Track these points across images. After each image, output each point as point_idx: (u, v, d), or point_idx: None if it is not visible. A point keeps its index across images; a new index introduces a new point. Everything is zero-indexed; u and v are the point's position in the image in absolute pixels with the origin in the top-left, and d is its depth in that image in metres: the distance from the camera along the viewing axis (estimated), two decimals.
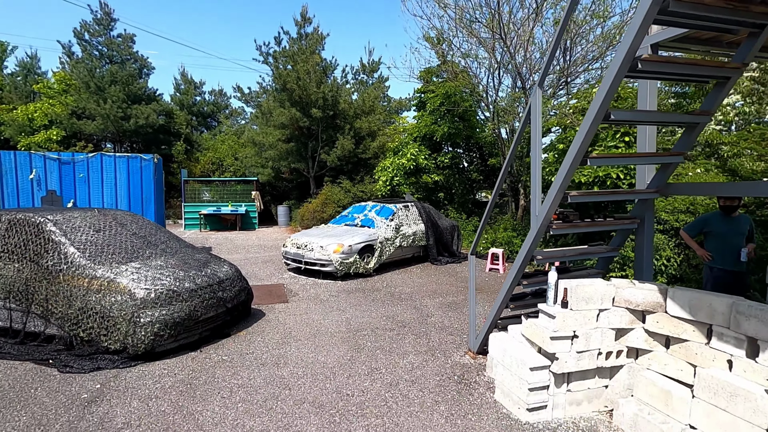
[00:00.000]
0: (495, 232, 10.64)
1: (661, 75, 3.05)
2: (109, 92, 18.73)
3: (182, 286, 4.34)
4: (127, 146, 21.25)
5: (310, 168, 16.94)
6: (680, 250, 6.43)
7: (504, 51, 10.77)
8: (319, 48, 16.88)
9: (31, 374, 3.73)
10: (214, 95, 26.46)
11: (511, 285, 3.75)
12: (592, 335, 3.18)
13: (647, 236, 3.83)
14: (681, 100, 10.30)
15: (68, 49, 20.22)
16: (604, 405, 3.36)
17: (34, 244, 4.36)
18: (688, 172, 7.75)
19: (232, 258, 9.65)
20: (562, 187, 3.10)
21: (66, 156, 9.50)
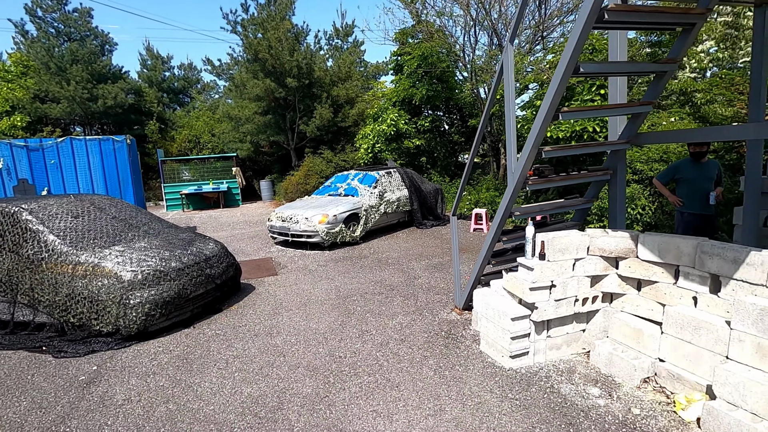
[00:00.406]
0: (478, 193, 10.78)
1: (630, 25, 3.06)
2: (71, 72, 17.84)
3: (169, 266, 4.36)
4: (98, 129, 20.50)
5: (290, 140, 16.66)
6: (654, 198, 6.65)
7: (479, 7, 10.54)
8: (289, 13, 16.22)
9: (26, 362, 3.78)
10: (183, 70, 25.42)
11: (492, 242, 3.87)
12: (568, 284, 3.34)
13: (620, 186, 3.96)
14: (656, 49, 10.31)
15: (21, 27, 19.01)
16: (582, 348, 3.57)
17: (12, 234, 4.29)
18: (662, 122, 7.89)
19: (217, 235, 9.62)
20: (536, 143, 3.16)
21: (33, 142, 9.16)
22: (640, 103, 3.37)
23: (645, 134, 3.74)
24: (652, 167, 6.74)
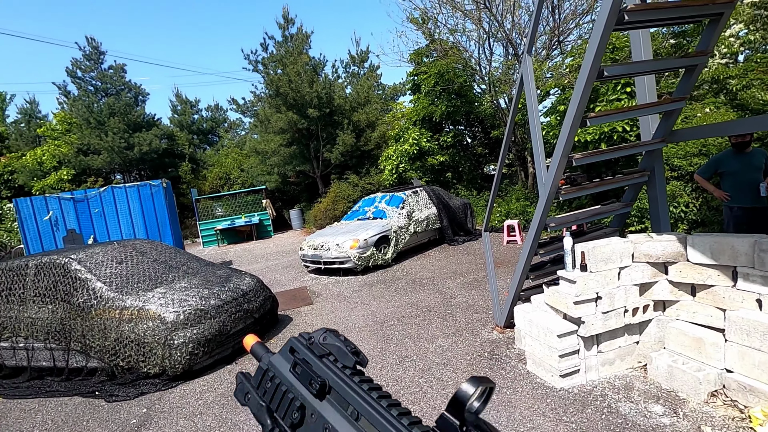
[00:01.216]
0: (508, 204, 10.57)
1: (652, 23, 2.97)
2: (109, 125, 19.02)
3: (208, 304, 4.45)
4: (135, 175, 21.63)
5: (316, 168, 16.99)
6: (698, 194, 6.30)
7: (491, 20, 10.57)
8: (306, 47, 16.79)
9: (80, 408, 3.90)
10: (210, 111, 26.63)
11: (528, 256, 3.75)
12: (615, 294, 3.17)
13: (659, 187, 3.77)
14: (681, 39, 9.97)
15: (64, 88, 20.55)
16: (637, 361, 3.35)
17: (63, 284, 4.52)
18: (696, 113, 7.54)
19: (252, 268, 9.82)
20: (566, 152, 3.07)
21: (79, 194, 9.75)
22: (672, 99, 3.23)
23: (680, 131, 3.57)
24: (691, 162, 6.41)
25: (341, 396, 0.43)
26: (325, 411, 0.44)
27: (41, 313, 4.53)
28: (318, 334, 0.51)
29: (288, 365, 0.51)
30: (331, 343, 0.49)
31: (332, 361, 0.48)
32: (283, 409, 0.47)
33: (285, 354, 0.53)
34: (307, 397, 0.46)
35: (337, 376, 0.45)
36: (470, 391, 0.35)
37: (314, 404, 0.45)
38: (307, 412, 0.45)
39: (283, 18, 16.97)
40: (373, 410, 0.40)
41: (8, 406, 4.11)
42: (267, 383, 0.51)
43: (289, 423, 0.46)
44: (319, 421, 0.43)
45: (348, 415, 0.42)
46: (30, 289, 4.64)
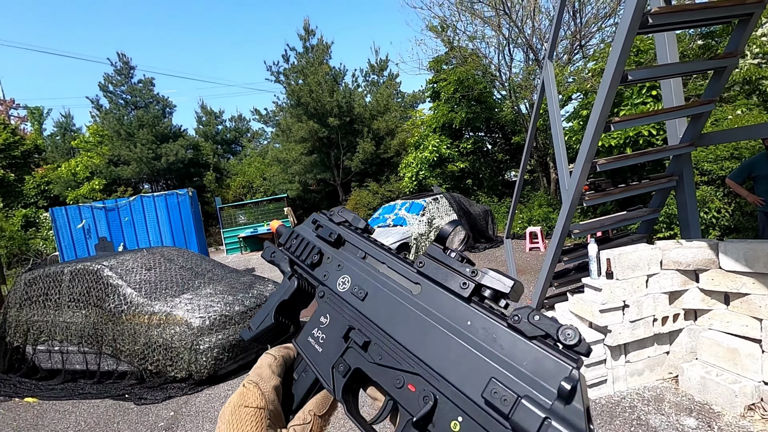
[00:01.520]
0: (530, 210, 10.42)
1: (677, 25, 2.91)
2: (138, 136, 19.74)
3: (233, 310, 4.54)
4: (162, 184, 22.32)
5: (336, 176, 17.18)
6: (730, 199, 6.08)
7: (511, 26, 10.53)
8: (326, 57, 17.09)
9: (111, 410, 4.03)
10: (234, 121, 27.31)
11: (552, 263, 3.69)
12: (643, 302, 3.09)
13: (688, 192, 3.66)
14: (709, 40, 9.69)
15: (96, 102, 21.47)
16: (668, 372, 3.24)
17: (96, 290, 4.70)
18: (727, 116, 7.30)
19: (275, 276, 9.94)
20: (589, 157, 3.02)
21: (110, 203, 10.13)
22: (701, 102, 3.15)
23: (711, 134, 3.47)
24: (722, 166, 6.20)
25: (351, 244, 0.55)
26: (339, 255, 0.55)
27: (75, 318, 4.71)
28: (336, 210, 0.62)
29: (310, 229, 0.61)
30: (346, 214, 0.60)
31: (347, 226, 0.58)
32: (306, 253, 0.58)
33: (308, 224, 0.63)
34: (325, 246, 0.57)
35: (349, 234, 0.56)
36: (448, 230, 0.46)
37: (330, 251, 0.56)
38: (325, 257, 0.56)
39: (304, 30, 17.33)
40: (375, 250, 0.52)
41: (44, 407, 4.28)
42: (293, 241, 0.61)
43: (309, 262, 0.56)
44: (334, 262, 0.54)
45: (356, 256, 0.53)
46: (65, 295, 4.84)
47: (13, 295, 5.17)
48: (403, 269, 0.47)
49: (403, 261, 0.48)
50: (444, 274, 0.43)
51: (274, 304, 0.56)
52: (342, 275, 0.52)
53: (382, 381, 0.44)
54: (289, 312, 0.58)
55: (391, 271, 0.48)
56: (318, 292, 0.54)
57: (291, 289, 0.56)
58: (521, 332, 0.36)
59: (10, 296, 5.19)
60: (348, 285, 0.51)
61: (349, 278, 0.51)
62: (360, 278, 0.50)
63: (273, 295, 0.58)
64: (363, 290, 0.49)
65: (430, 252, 0.45)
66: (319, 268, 0.56)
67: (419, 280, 0.45)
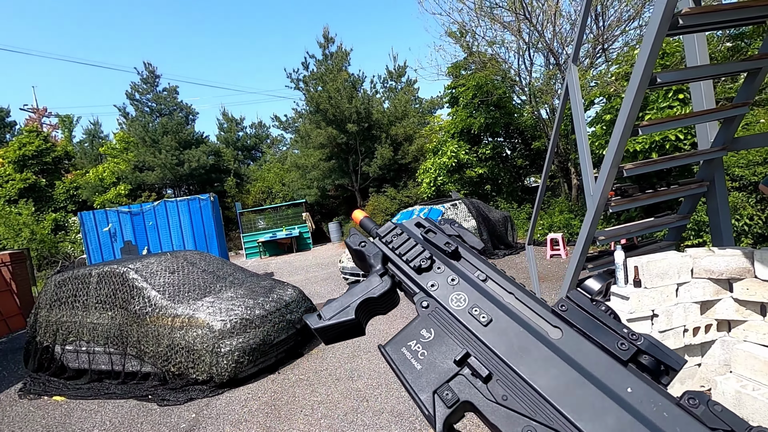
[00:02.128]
0: (551, 217, 10.24)
1: (708, 26, 2.83)
2: (162, 143, 20.29)
3: (253, 314, 4.59)
4: (185, 189, 22.83)
5: (354, 182, 17.26)
6: (763, 206, 5.85)
7: (531, 30, 10.44)
8: (345, 64, 17.25)
9: (135, 410, 4.11)
10: (254, 128, 27.79)
11: (576, 271, 3.61)
12: (673, 312, 2.98)
13: (720, 198, 3.54)
14: (738, 42, 9.40)
15: (123, 110, 22.17)
16: (699, 385, 3.12)
17: (122, 292, 4.82)
18: (759, 119, 7.05)
19: (293, 280, 10.03)
20: (615, 162, 2.95)
21: (135, 208, 10.42)
22: (733, 105, 3.04)
23: (744, 138, 3.35)
24: (755, 171, 5.97)
25: (470, 263, 0.50)
26: (455, 268, 0.50)
27: (102, 319, 4.83)
28: (446, 221, 0.58)
29: (418, 230, 0.56)
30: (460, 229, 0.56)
31: (461, 241, 0.54)
32: (414, 254, 0.52)
33: (412, 225, 0.58)
34: (438, 254, 0.52)
35: (467, 250, 0.52)
36: (595, 288, 0.42)
37: (444, 261, 0.51)
38: (435, 264, 0.51)
39: (324, 37, 17.56)
40: (502, 277, 0.47)
41: (71, 406, 4.39)
42: (396, 237, 0.56)
43: (416, 265, 0.51)
44: (446, 274, 0.49)
45: (475, 276, 0.48)
46: (92, 296, 4.97)
47: (43, 296, 5.35)
48: (536, 307, 0.42)
49: (536, 299, 0.43)
50: (593, 326, 0.38)
51: (357, 298, 0.51)
52: (456, 292, 0.47)
53: (502, 425, 0.37)
54: (368, 312, 0.53)
55: (521, 304, 0.43)
56: (419, 300, 0.48)
57: (383, 288, 0.52)
58: (700, 420, 0.31)
59: (41, 297, 5.37)
60: (465, 304, 0.45)
61: (466, 297, 0.46)
62: (481, 300, 0.45)
63: (354, 289, 0.53)
64: (486, 314, 0.43)
65: (573, 297, 0.40)
66: (426, 274, 0.50)
67: (559, 324, 0.40)
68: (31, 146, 19.61)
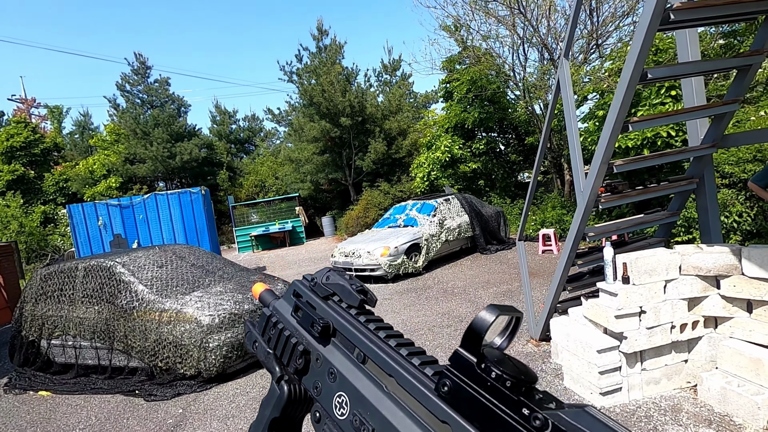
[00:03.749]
0: (543, 212, 10.27)
1: (700, 21, 2.81)
2: (153, 135, 20.05)
3: (242, 309, 4.55)
4: (177, 182, 22.61)
5: (348, 176, 17.19)
6: (752, 203, 5.89)
7: (525, 25, 10.40)
8: (339, 57, 17.11)
9: (122, 405, 4.06)
10: (247, 121, 27.55)
11: (566, 267, 3.61)
12: (661, 309, 2.99)
13: (709, 195, 3.54)
14: (731, 39, 9.42)
15: (114, 101, 21.87)
16: (686, 381, 3.14)
17: (108, 286, 4.75)
18: (750, 117, 7.08)
19: (285, 274, 9.99)
20: (605, 158, 2.94)
21: (125, 201, 10.28)
22: (724, 102, 3.04)
23: (734, 135, 3.35)
24: (744, 169, 6.01)
25: (346, 338, 0.41)
26: (330, 355, 0.41)
27: (88, 313, 4.77)
28: (321, 274, 0.48)
29: (290, 309, 0.48)
30: (335, 282, 0.46)
31: (337, 301, 0.45)
32: (287, 354, 0.45)
33: (288, 298, 0.49)
34: (311, 341, 0.43)
35: (342, 318, 0.42)
36: (487, 321, 0.29)
37: (319, 348, 0.42)
38: (312, 356, 0.43)
39: (318, 30, 17.39)
40: (380, 351, 0.37)
41: (57, 401, 4.34)
42: (271, 330, 0.48)
43: (293, 369, 0.44)
44: (325, 366, 0.41)
45: (354, 357, 0.39)
46: (79, 291, 4.90)
47: (29, 289, 5.26)
48: (421, 393, 0.32)
49: (419, 370, 0.34)
50: (485, 412, 0.28)
51: (264, 422, 0.45)
52: (337, 392, 0.39)
53: None
54: (286, 428, 0.46)
55: (403, 391, 0.34)
56: (313, 411, 0.41)
57: (281, 403, 0.44)
58: None
59: (26, 291, 5.29)
60: (347, 410, 0.37)
61: (347, 398, 0.38)
62: (361, 401, 0.36)
63: (262, 404, 0.46)
64: (367, 426, 0.35)
65: (455, 367, 0.30)
66: (307, 376, 0.43)
67: (447, 417, 0.30)
68: (20, 137, 19.29)
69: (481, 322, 0.30)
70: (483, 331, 0.29)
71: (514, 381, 0.28)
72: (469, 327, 0.30)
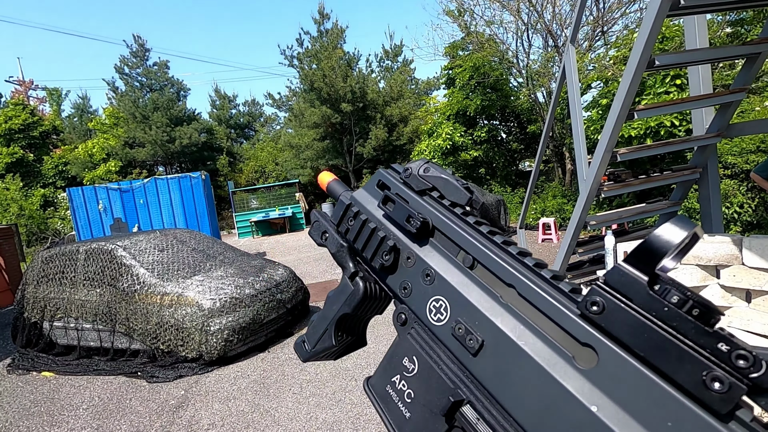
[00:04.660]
0: (544, 201, 10.26)
1: (709, 8, 2.76)
2: (153, 119, 19.90)
3: (243, 293, 4.57)
4: (176, 167, 22.54)
5: (348, 162, 17.13)
6: (754, 194, 5.89)
7: (530, 10, 10.24)
8: (341, 42, 16.89)
9: (124, 387, 4.12)
10: (247, 106, 27.33)
11: (566, 255, 3.61)
12: None
13: (712, 185, 3.53)
14: (738, 28, 9.30)
15: (112, 84, 21.65)
16: None
17: (110, 269, 4.77)
18: (755, 107, 7.04)
19: (285, 260, 10.03)
20: (609, 147, 2.92)
21: (125, 185, 10.26)
22: (731, 91, 3.01)
23: (739, 125, 3.33)
24: (747, 159, 5.99)
25: (450, 239, 0.35)
26: (428, 255, 0.36)
27: (90, 296, 4.79)
28: (417, 165, 0.41)
29: (376, 201, 0.42)
30: (435, 175, 0.40)
31: (437, 197, 0.39)
32: (371, 249, 0.39)
33: (372, 189, 0.44)
34: (402, 238, 0.38)
35: (445, 216, 0.36)
36: (677, 237, 0.22)
37: (412, 247, 0.37)
38: (402, 255, 0.37)
39: (319, 13, 17.12)
40: (496, 257, 0.31)
41: (60, 382, 4.39)
42: (350, 220, 0.43)
43: (378, 264, 0.38)
44: (419, 266, 0.36)
45: (458, 261, 0.34)
46: (80, 273, 4.92)
47: (30, 272, 5.28)
48: (553, 308, 0.26)
49: (549, 286, 0.28)
50: (656, 343, 0.22)
51: (333, 317, 0.42)
52: (434, 297, 0.34)
53: None
54: (353, 325, 0.43)
55: (530, 307, 0.28)
56: (395, 312, 0.37)
57: (354, 299, 0.41)
58: None
59: (28, 273, 5.30)
60: (446, 317, 0.32)
61: (446, 304, 0.32)
62: (467, 309, 0.31)
63: (330, 299, 0.42)
64: (474, 337, 0.29)
65: (612, 284, 0.24)
66: (394, 275, 0.38)
67: (591, 339, 0.24)
68: (18, 120, 19.14)
69: (668, 238, 0.22)
70: (668, 249, 0.22)
71: (704, 309, 0.21)
72: (646, 241, 0.23)
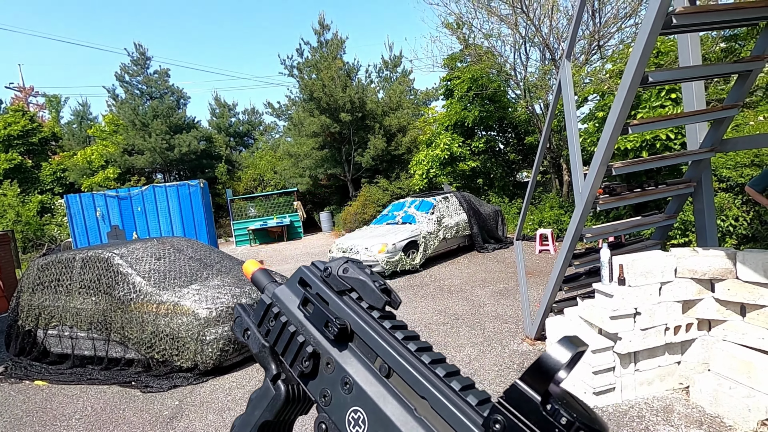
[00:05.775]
0: (541, 212, 10.30)
1: (702, 26, 2.82)
2: (152, 127, 19.97)
3: (240, 302, 4.55)
4: (175, 174, 22.55)
5: (347, 171, 17.18)
6: (749, 207, 5.93)
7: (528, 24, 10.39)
8: (341, 52, 17.05)
9: (118, 396, 4.08)
10: (247, 114, 27.47)
11: (562, 267, 3.63)
12: (655, 311, 3.02)
13: (707, 199, 3.57)
14: (732, 43, 9.43)
15: (113, 92, 21.74)
16: (678, 382, 3.17)
17: (106, 277, 4.75)
18: (749, 121, 7.11)
19: (283, 269, 10.00)
20: (604, 160, 2.95)
21: (123, 192, 10.26)
22: (723, 107, 3.06)
23: (733, 140, 3.37)
24: (742, 173, 6.04)
25: (367, 344, 0.34)
26: (347, 362, 0.35)
27: (85, 304, 4.77)
28: (336, 265, 0.40)
29: (297, 300, 0.41)
30: (354, 276, 0.39)
31: (355, 299, 0.38)
32: (291, 354, 0.38)
33: (293, 286, 0.42)
34: (322, 342, 0.37)
35: (363, 320, 0.36)
36: (563, 358, 0.23)
37: (331, 352, 0.36)
38: (322, 360, 0.36)
39: (319, 24, 17.31)
40: (410, 366, 0.31)
41: (53, 391, 4.35)
42: (270, 321, 0.41)
43: (298, 371, 0.37)
44: (338, 374, 0.34)
45: (376, 369, 0.33)
46: (76, 281, 4.90)
47: (26, 279, 5.26)
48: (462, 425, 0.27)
49: (460, 397, 0.29)
50: None
51: (255, 422, 0.40)
52: (353, 406, 0.33)
53: None
54: (277, 430, 0.41)
55: (438, 419, 0.29)
56: (318, 421, 0.35)
57: (276, 405, 0.39)
58: None
59: (23, 281, 5.28)
60: (363, 429, 0.31)
61: (364, 416, 0.32)
62: (383, 423, 0.30)
63: (252, 403, 0.40)
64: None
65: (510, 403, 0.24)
66: (314, 381, 0.36)
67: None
68: (17, 126, 19.17)
69: (556, 359, 0.24)
70: (557, 369, 0.24)
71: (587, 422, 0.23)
72: (538, 361, 0.24)
